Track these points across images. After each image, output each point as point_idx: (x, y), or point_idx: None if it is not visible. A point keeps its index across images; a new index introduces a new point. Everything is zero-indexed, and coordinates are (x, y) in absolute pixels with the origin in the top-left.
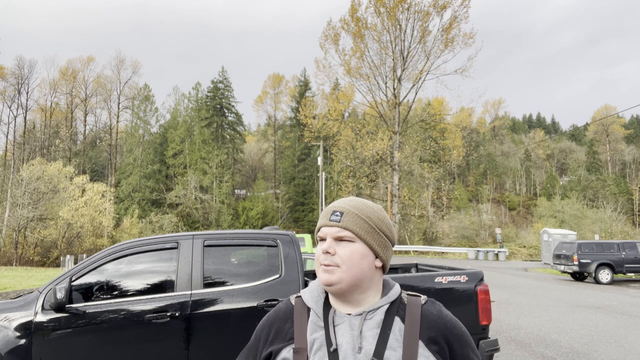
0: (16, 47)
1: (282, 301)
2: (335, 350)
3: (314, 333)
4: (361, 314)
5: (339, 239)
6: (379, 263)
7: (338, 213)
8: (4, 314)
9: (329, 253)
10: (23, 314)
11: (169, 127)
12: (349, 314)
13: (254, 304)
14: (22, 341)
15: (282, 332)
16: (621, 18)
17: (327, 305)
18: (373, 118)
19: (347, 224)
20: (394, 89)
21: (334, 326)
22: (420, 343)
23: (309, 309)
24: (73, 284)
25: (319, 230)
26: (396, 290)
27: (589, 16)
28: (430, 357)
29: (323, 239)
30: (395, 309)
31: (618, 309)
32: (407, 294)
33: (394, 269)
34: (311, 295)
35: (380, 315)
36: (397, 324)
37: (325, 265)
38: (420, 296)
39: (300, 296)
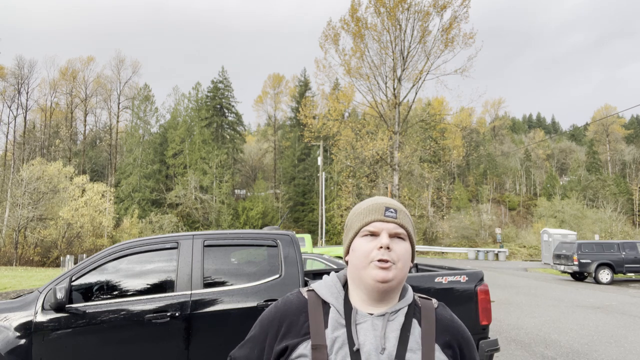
0: (16, 47)
1: (292, 294)
2: (358, 350)
3: (335, 331)
4: (384, 315)
5: (394, 236)
6: (412, 263)
7: (392, 210)
8: (4, 314)
9: (388, 249)
10: (23, 314)
11: (169, 127)
12: (371, 314)
13: (254, 304)
14: (22, 341)
15: (296, 327)
16: (629, 19)
17: (346, 303)
18: (373, 118)
19: (403, 222)
20: (394, 89)
21: (355, 325)
22: (437, 347)
23: (324, 304)
24: (73, 284)
25: (368, 224)
26: (411, 292)
27: (597, 17)
28: None
29: (374, 234)
30: (412, 311)
31: (618, 309)
32: (419, 297)
33: None
34: (329, 290)
35: (401, 317)
36: (416, 327)
37: (383, 260)
38: (431, 299)
39: (312, 290)
